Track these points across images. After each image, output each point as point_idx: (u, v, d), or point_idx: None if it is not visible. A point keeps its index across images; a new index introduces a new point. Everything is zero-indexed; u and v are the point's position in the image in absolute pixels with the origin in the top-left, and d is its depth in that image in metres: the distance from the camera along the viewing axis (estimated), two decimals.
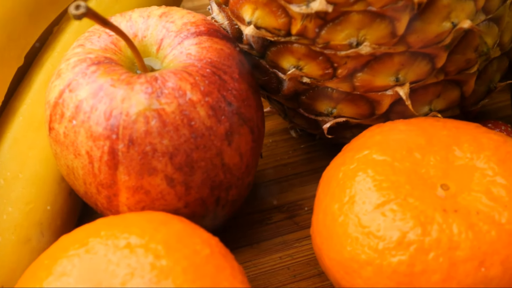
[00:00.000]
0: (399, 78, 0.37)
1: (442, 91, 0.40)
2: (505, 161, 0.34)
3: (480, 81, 0.41)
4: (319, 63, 0.37)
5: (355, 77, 0.37)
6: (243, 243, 0.43)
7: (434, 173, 0.34)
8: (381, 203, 0.33)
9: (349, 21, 0.35)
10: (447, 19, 0.35)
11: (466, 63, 0.38)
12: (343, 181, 0.35)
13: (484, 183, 0.33)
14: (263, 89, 0.42)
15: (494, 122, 0.44)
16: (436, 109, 0.40)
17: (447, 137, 0.35)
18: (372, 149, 0.35)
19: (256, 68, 0.41)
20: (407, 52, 0.36)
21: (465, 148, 0.35)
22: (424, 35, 0.35)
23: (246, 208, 0.45)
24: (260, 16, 0.36)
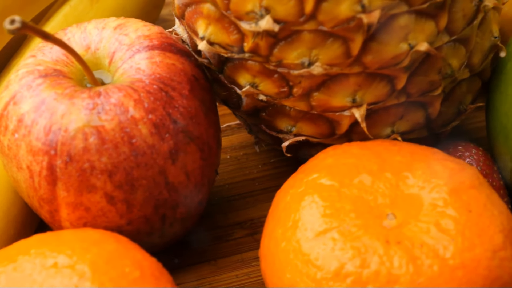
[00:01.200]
0: (356, 99, 0.36)
1: (405, 112, 0.38)
2: (458, 191, 0.33)
3: (448, 103, 0.40)
4: (274, 81, 0.36)
5: (311, 96, 0.36)
6: (201, 259, 0.42)
7: (382, 201, 0.33)
8: (323, 231, 0.32)
9: (300, 40, 0.34)
10: (404, 40, 0.34)
11: (430, 85, 0.37)
12: (290, 205, 0.34)
13: (433, 214, 0.32)
14: (225, 104, 0.41)
15: (465, 145, 0.42)
16: (399, 130, 0.39)
17: (400, 163, 0.34)
18: (322, 172, 0.34)
19: (217, 83, 0.40)
20: (364, 73, 0.35)
21: (418, 175, 0.33)
22: (380, 57, 0.34)
23: (207, 223, 0.44)
24: (213, 31, 0.35)
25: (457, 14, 0.35)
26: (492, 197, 0.33)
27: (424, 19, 0.34)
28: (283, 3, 0.32)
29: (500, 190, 0.41)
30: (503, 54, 0.39)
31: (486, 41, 0.39)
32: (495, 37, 0.39)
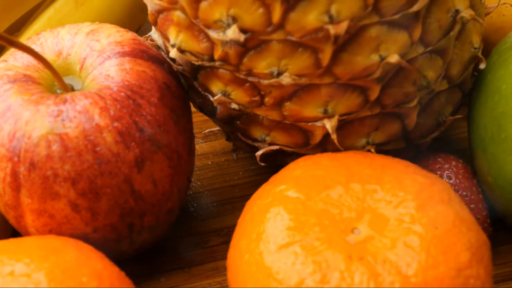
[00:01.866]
0: (327, 110, 0.35)
1: (380, 123, 0.38)
2: (425, 207, 0.32)
3: (426, 114, 0.39)
4: (246, 89, 0.36)
5: (283, 106, 0.36)
6: (175, 266, 0.42)
7: (348, 215, 0.32)
8: (285, 244, 0.31)
9: (269, 50, 0.33)
10: (375, 51, 0.33)
11: (405, 96, 0.36)
12: (255, 216, 0.33)
13: (398, 229, 0.31)
14: (201, 111, 0.41)
15: (445, 157, 0.42)
16: (375, 142, 0.38)
17: (369, 176, 0.33)
18: (289, 184, 0.34)
19: (192, 90, 0.39)
20: (335, 83, 0.34)
21: (386, 189, 0.33)
22: (351, 67, 0.34)
23: (184, 230, 0.44)
24: (183, 39, 0.35)
25: (432, 25, 0.34)
26: (462, 214, 0.33)
27: (397, 30, 0.33)
28: (250, 12, 0.32)
29: (479, 204, 0.40)
30: (482, 66, 0.38)
31: (466, 52, 0.38)
32: (475, 48, 0.38)
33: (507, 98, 0.37)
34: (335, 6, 0.31)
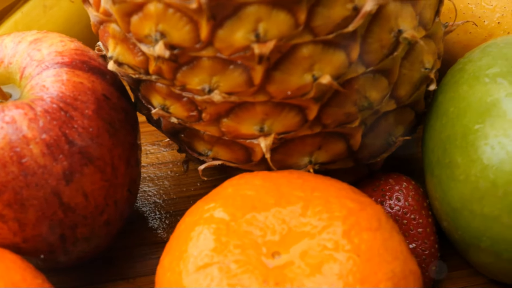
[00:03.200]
0: (263, 128, 0.35)
1: (323, 143, 0.37)
2: (349, 234, 0.31)
3: (373, 134, 0.38)
4: (184, 104, 0.35)
5: (221, 122, 0.35)
6: (120, 276, 0.42)
7: (271, 238, 0.32)
8: (203, 265, 0.31)
9: (201, 67, 0.32)
10: (309, 71, 0.32)
11: (346, 116, 0.35)
12: (181, 234, 0.33)
13: (319, 256, 0.31)
14: (149, 123, 0.41)
15: (397, 178, 0.40)
16: (318, 161, 0.37)
17: (299, 199, 0.33)
18: (218, 202, 0.33)
19: (139, 102, 0.39)
20: (270, 102, 0.34)
21: (314, 213, 0.32)
22: (284, 86, 0.33)
23: (134, 240, 0.44)
24: (120, 52, 0.35)
25: (373, 45, 0.33)
26: (390, 242, 0.32)
27: (333, 49, 0.32)
28: (178, 29, 0.31)
29: (427, 228, 0.39)
30: (432, 87, 0.37)
31: (416, 72, 0.37)
32: (426, 69, 0.37)
33: (453, 122, 0.35)
34: (263, 25, 0.30)
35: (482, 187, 0.33)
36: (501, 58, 0.36)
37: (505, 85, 0.34)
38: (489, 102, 0.34)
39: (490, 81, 0.35)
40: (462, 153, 0.34)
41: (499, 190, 0.33)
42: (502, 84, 0.34)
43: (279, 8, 0.30)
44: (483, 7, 0.43)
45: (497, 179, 0.33)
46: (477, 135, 0.34)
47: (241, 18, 0.30)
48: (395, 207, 0.39)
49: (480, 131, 0.34)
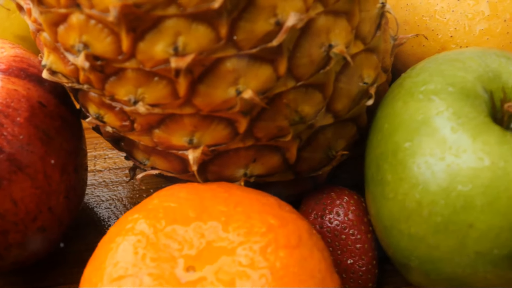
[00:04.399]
0: (193, 140, 0.35)
1: (258, 156, 0.36)
2: (265, 250, 0.31)
3: (311, 148, 0.38)
4: (116, 114, 0.35)
5: (152, 133, 0.35)
6: (63, 280, 0.42)
7: (187, 252, 0.31)
8: (117, 277, 0.31)
9: (126, 78, 0.32)
10: (233, 85, 0.32)
11: (278, 130, 0.35)
12: (103, 244, 0.33)
13: (233, 272, 0.30)
14: (94, 130, 0.41)
15: (339, 191, 0.40)
16: (254, 173, 0.37)
17: (220, 213, 0.33)
18: (141, 214, 0.33)
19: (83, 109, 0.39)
20: (198, 114, 0.34)
21: (233, 228, 0.32)
22: (210, 100, 0.33)
23: (83, 245, 0.44)
24: (53, 60, 0.35)
25: (302, 60, 0.33)
26: (309, 259, 0.31)
27: (259, 63, 0.32)
28: (100, 40, 0.31)
29: (365, 244, 0.38)
30: (369, 102, 0.37)
31: (354, 86, 0.36)
32: (364, 83, 0.37)
33: (387, 139, 0.35)
34: (182, 38, 0.30)
35: (409, 206, 0.33)
36: (437, 75, 0.35)
37: (436, 103, 0.33)
38: (419, 120, 0.33)
39: (424, 98, 0.34)
40: (392, 171, 0.34)
41: (424, 210, 0.32)
42: (434, 102, 0.34)
43: (199, 21, 0.30)
44: (437, 20, 0.42)
45: (422, 199, 0.32)
46: (406, 153, 0.33)
47: (161, 31, 0.30)
48: (334, 221, 0.39)
49: (409, 149, 0.33)
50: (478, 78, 0.35)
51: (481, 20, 0.41)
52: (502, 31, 0.41)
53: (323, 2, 0.33)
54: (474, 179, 0.31)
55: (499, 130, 0.32)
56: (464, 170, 0.31)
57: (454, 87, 0.34)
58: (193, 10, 0.30)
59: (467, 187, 0.31)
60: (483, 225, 0.31)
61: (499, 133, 0.32)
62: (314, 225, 0.39)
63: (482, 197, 0.31)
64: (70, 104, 0.39)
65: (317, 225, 0.39)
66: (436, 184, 0.32)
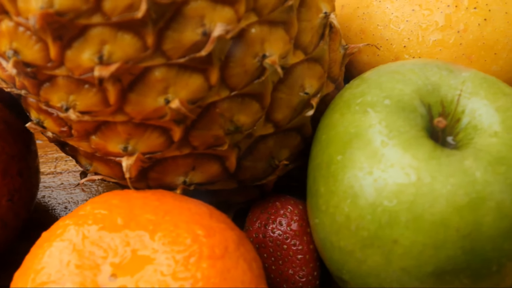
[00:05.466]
0: (127, 147, 0.35)
1: (197, 164, 0.36)
2: (187, 261, 0.31)
3: (253, 157, 0.37)
4: (55, 119, 0.35)
5: (90, 139, 0.35)
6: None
7: (112, 259, 0.31)
8: (40, 283, 0.31)
9: (58, 85, 0.33)
10: (163, 94, 0.32)
11: (214, 139, 0.35)
12: (33, 249, 0.33)
13: (153, 281, 0.30)
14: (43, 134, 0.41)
15: (285, 201, 0.40)
16: (194, 181, 0.37)
17: (148, 222, 0.33)
18: (72, 220, 0.33)
19: None
20: (131, 122, 0.34)
21: (159, 237, 0.32)
22: (141, 108, 0.33)
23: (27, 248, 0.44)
24: None
25: (235, 69, 0.33)
26: (233, 271, 0.31)
27: (189, 73, 0.32)
28: (29, 47, 0.31)
29: (307, 255, 0.38)
30: (310, 113, 0.36)
31: (294, 96, 0.36)
32: (305, 93, 0.36)
33: (323, 150, 0.35)
34: (108, 47, 0.30)
35: (339, 220, 0.33)
36: (375, 87, 0.34)
37: (371, 116, 0.33)
38: (352, 132, 0.33)
39: (359, 110, 0.34)
40: (325, 183, 0.34)
41: (352, 224, 0.32)
42: (368, 114, 0.33)
43: (124, 30, 0.30)
44: (391, 29, 0.41)
45: (350, 213, 0.32)
46: (338, 166, 0.33)
47: (87, 40, 0.30)
48: (277, 231, 0.39)
49: (340, 162, 0.33)
50: (417, 91, 0.34)
51: (435, 30, 0.40)
52: (455, 42, 0.40)
53: (257, 12, 0.33)
54: (399, 195, 0.31)
55: (430, 145, 0.32)
56: (390, 186, 0.31)
57: (391, 99, 0.34)
58: (118, 19, 0.30)
59: (392, 203, 0.31)
60: (407, 241, 0.30)
61: (429, 148, 0.31)
62: (258, 234, 0.39)
63: (407, 213, 0.30)
64: (16, 108, 0.39)
65: (261, 234, 0.39)
66: (363, 199, 0.31)
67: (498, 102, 0.33)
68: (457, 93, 0.34)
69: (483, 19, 0.40)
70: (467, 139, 0.33)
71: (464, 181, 0.30)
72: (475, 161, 0.31)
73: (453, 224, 0.30)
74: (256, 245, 0.39)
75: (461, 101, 0.34)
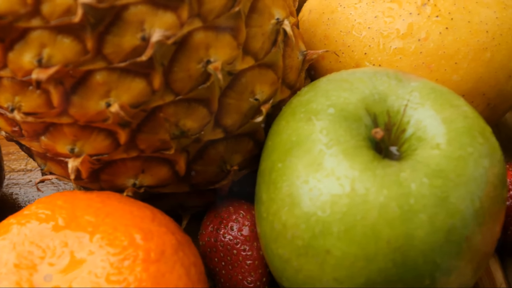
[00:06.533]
0: (74, 149, 0.35)
1: (146, 167, 0.36)
2: (121, 264, 0.31)
3: (203, 162, 0.37)
4: (6, 119, 0.36)
5: (40, 140, 0.36)
6: None
7: (49, 260, 0.32)
8: None
9: (3, 86, 0.33)
10: (105, 97, 0.32)
11: (161, 143, 0.35)
12: None
13: (86, 282, 0.31)
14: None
15: (238, 205, 0.40)
16: (144, 184, 0.37)
17: (88, 224, 0.33)
18: (16, 219, 0.34)
19: None
20: (76, 124, 0.34)
21: (96, 240, 0.32)
22: (84, 111, 0.33)
23: None
24: None
25: (179, 74, 0.33)
26: (168, 275, 0.31)
27: (131, 77, 0.32)
28: None
29: (256, 261, 0.38)
30: (259, 119, 0.36)
31: (244, 102, 0.36)
32: (255, 99, 0.36)
33: (268, 157, 0.34)
34: (47, 50, 0.31)
35: (277, 228, 0.33)
36: (322, 95, 0.34)
37: (313, 124, 0.33)
38: (293, 140, 0.33)
39: (303, 118, 0.33)
40: (266, 190, 0.34)
41: (288, 233, 0.32)
42: (311, 123, 0.33)
43: (64, 34, 0.31)
44: (353, 36, 0.41)
45: (287, 221, 0.32)
46: (278, 173, 0.33)
47: (27, 43, 0.31)
48: (228, 236, 0.39)
49: (280, 170, 0.33)
50: (363, 100, 0.34)
51: (396, 38, 0.40)
52: (415, 50, 0.39)
53: (202, 17, 0.33)
54: (333, 205, 0.30)
55: (369, 156, 0.31)
56: (324, 195, 0.31)
57: (335, 108, 0.33)
58: (57, 23, 0.30)
59: (326, 213, 0.30)
60: (339, 252, 0.30)
61: (367, 159, 0.31)
62: (210, 238, 0.39)
63: (339, 223, 0.30)
64: None
65: (212, 238, 0.39)
66: (299, 207, 0.31)
67: (444, 114, 0.33)
68: (404, 103, 0.34)
69: (444, 27, 0.39)
70: (410, 150, 0.33)
71: (398, 193, 0.30)
72: (412, 173, 0.31)
73: (384, 236, 0.30)
74: (208, 249, 0.39)
75: (407, 112, 0.34)
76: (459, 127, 0.32)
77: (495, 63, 0.40)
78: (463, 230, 0.30)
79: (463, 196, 0.30)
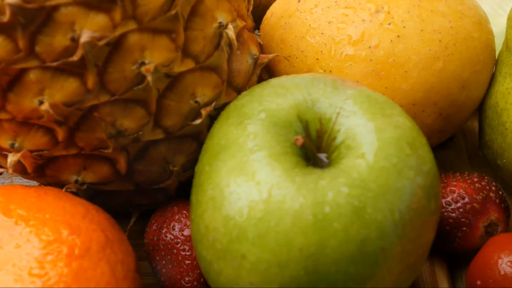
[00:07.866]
0: (14, 144, 0.36)
1: (87, 164, 0.37)
2: (44, 258, 0.32)
3: (145, 162, 0.38)
4: None
5: None
6: None
7: None
8: None
9: None
10: (39, 95, 0.33)
11: (99, 142, 0.36)
12: None
13: (10, 275, 0.31)
14: None
15: (182, 205, 0.40)
16: (86, 180, 0.38)
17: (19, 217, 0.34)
18: None
19: None
20: (15, 120, 0.35)
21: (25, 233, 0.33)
22: (19, 108, 0.34)
23: None
24: None
25: (114, 75, 0.33)
26: (90, 272, 0.32)
27: (65, 76, 0.33)
28: None
29: (194, 261, 0.38)
30: (197, 121, 0.37)
31: (185, 104, 0.36)
32: (195, 102, 0.36)
33: (200, 160, 0.35)
34: None
35: (201, 230, 0.33)
36: (256, 100, 0.34)
37: (242, 129, 0.33)
38: (222, 144, 0.33)
39: (234, 122, 0.34)
40: (195, 192, 0.34)
41: (210, 236, 0.32)
42: (240, 127, 0.33)
43: None
44: (307, 41, 0.41)
45: (209, 224, 0.32)
46: (205, 177, 0.33)
47: None
48: (169, 235, 0.39)
49: (207, 173, 0.33)
50: (295, 106, 0.34)
51: (347, 44, 0.40)
52: (365, 57, 0.39)
53: (137, 19, 0.33)
54: (250, 210, 0.30)
55: (291, 163, 0.31)
56: (242, 200, 0.31)
57: (266, 113, 0.33)
58: None
59: (242, 218, 0.31)
60: (253, 257, 0.30)
61: (288, 166, 0.31)
62: (153, 236, 0.40)
63: (254, 229, 0.30)
64: None
65: (155, 236, 0.39)
66: (219, 211, 0.31)
67: (375, 122, 0.33)
68: (337, 111, 0.34)
69: (396, 35, 0.39)
70: (339, 158, 0.33)
71: (313, 202, 0.30)
72: (331, 181, 0.30)
73: (297, 243, 0.30)
74: (151, 247, 0.40)
75: (339, 119, 0.34)
76: (387, 137, 0.32)
77: (447, 73, 0.40)
78: (379, 241, 0.30)
79: (381, 207, 0.30)
